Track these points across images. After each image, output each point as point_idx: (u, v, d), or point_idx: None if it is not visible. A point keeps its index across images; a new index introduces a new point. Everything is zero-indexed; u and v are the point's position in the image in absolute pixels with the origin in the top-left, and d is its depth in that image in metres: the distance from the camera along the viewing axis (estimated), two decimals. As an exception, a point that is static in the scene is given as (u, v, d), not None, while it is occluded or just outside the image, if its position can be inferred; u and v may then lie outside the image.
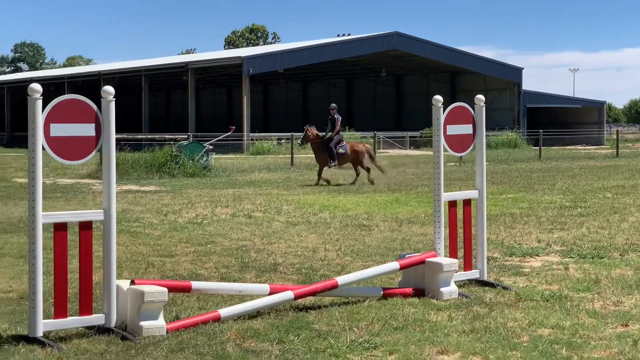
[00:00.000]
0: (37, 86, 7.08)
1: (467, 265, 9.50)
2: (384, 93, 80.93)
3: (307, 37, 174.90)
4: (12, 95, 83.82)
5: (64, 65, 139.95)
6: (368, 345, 6.89)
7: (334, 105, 27.25)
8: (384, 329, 7.39)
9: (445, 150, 9.32)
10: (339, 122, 26.45)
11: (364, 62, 70.92)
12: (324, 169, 25.79)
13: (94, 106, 7.32)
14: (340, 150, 25.79)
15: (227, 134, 37.12)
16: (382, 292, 8.79)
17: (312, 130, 26.27)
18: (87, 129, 7.28)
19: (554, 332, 7.34)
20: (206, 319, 7.63)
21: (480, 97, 9.72)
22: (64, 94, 7.68)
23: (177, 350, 6.82)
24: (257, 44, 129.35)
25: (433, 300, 8.57)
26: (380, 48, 65.44)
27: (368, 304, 8.44)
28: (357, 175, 25.84)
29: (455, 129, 9.42)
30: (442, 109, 9.20)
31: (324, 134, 26.50)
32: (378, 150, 42.26)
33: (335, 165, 26.07)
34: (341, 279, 8.57)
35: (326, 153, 25.70)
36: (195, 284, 8.14)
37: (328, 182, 25.26)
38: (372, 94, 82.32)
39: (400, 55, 68.08)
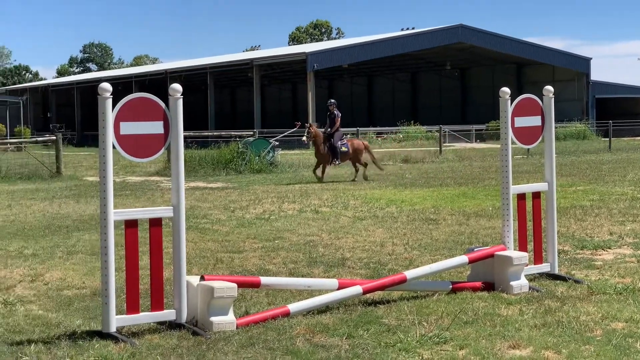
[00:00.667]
0: (107, 85, 7.18)
1: (537, 258, 9.38)
2: (449, 86, 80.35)
3: (371, 31, 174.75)
4: (81, 95, 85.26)
5: (131, 65, 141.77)
6: (438, 339, 6.85)
7: (332, 100, 26.56)
8: (453, 323, 7.34)
9: (513, 142, 9.22)
10: (339, 119, 25.85)
11: (429, 55, 70.52)
12: (327, 167, 25.47)
13: (162, 104, 7.40)
14: (343, 149, 25.34)
15: (292, 129, 37.25)
16: (450, 286, 8.73)
17: (314, 127, 25.87)
18: (155, 127, 7.37)
19: (627, 326, 7.22)
20: (275, 314, 7.66)
21: (549, 88, 9.61)
22: (132, 93, 7.76)
23: (247, 345, 6.86)
24: (321, 40, 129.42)
25: (503, 294, 8.49)
26: (445, 41, 65.00)
27: (437, 298, 8.40)
28: (357, 171, 25.57)
29: (523, 121, 9.31)
30: (509, 101, 9.10)
31: (323, 129, 26.03)
32: (444, 145, 42.01)
33: (338, 163, 25.70)
34: (409, 273, 8.53)
35: (327, 150, 25.27)
36: (264, 280, 8.17)
37: (320, 179, 24.95)
38: (437, 88, 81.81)
39: (465, 48, 67.56)
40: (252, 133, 36.01)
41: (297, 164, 32.51)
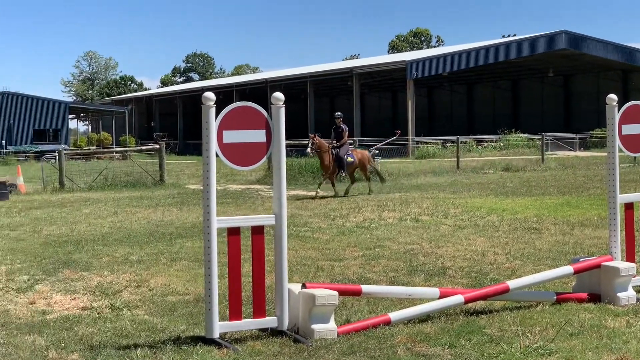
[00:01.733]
0: (210, 95, 7.29)
1: (646, 269, 9.15)
2: (552, 93, 79.04)
3: (472, 39, 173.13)
4: (184, 105, 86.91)
5: (232, 74, 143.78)
6: (543, 351, 6.73)
7: (339, 114, 25.19)
8: (558, 334, 7.20)
9: (620, 150, 9.00)
10: (346, 133, 24.73)
11: (530, 62, 69.47)
12: (334, 177, 24.44)
13: (265, 113, 7.47)
14: (349, 159, 24.19)
15: (392, 138, 37.20)
16: (555, 297, 8.57)
17: (318, 138, 24.77)
18: (258, 135, 7.44)
19: None
20: (376, 323, 7.64)
21: (657, 94, 9.35)
22: (233, 101, 7.86)
23: (348, 353, 6.86)
24: (421, 48, 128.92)
25: (610, 306, 8.29)
26: (548, 48, 63.93)
27: (541, 309, 8.25)
28: (369, 180, 24.82)
29: (631, 129, 9.09)
30: (616, 108, 8.90)
31: (329, 140, 24.86)
32: (546, 153, 41.29)
33: (344, 174, 24.66)
34: (512, 283, 8.41)
35: (333, 162, 24.04)
36: (365, 288, 8.16)
37: (316, 194, 23.43)
38: (539, 95, 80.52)
39: (568, 55, 66.33)
40: (352, 142, 36.06)
41: (396, 173, 32.42)
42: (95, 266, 11.50)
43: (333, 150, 24.26)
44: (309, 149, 24.53)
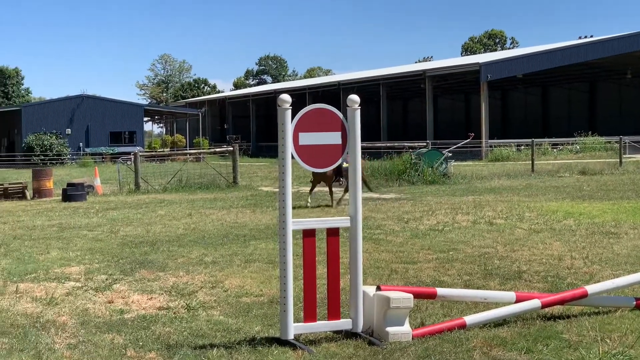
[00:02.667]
0: (286, 97, 7.32)
1: None
2: (630, 96, 77.52)
3: (547, 40, 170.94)
4: (256, 107, 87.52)
5: (304, 77, 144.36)
6: (622, 357, 6.62)
7: None
8: (638, 341, 7.06)
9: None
10: None
11: (608, 64, 68.32)
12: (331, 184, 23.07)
13: (340, 115, 7.47)
14: (345, 164, 22.83)
15: (465, 141, 36.92)
16: (634, 303, 8.41)
17: None
18: (333, 138, 7.45)
19: None
20: (452, 326, 7.59)
21: None
22: (305, 104, 7.89)
23: (423, 356, 6.83)
24: (495, 50, 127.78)
25: (691, 312, 8.11)
26: (626, 49, 62.73)
27: (620, 315, 8.11)
28: (346, 192, 23.68)
29: None
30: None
31: None
32: (624, 156, 40.55)
33: (343, 181, 23.59)
34: (591, 288, 8.27)
35: (332, 170, 22.87)
36: (440, 291, 8.12)
37: (307, 203, 22.34)
38: (616, 97, 79.10)
39: (647, 56, 65.05)
40: (424, 144, 35.92)
41: (470, 176, 32.17)
42: (171, 267, 11.65)
43: None
44: None
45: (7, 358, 6.97)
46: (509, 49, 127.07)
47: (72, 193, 24.91)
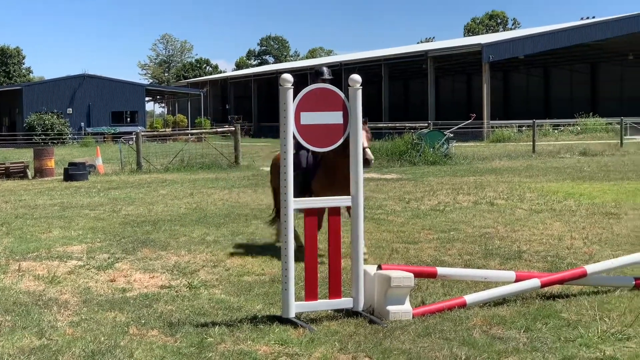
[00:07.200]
0: (288, 76, 7.32)
1: None
2: (632, 77, 77.28)
3: (548, 21, 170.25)
4: (258, 87, 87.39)
5: (306, 57, 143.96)
6: (621, 336, 6.67)
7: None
8: (637, 320, 7.11)
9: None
10: None
11: (609, 45, 68.09)
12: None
13: (342, 95, 7.49)
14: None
15: (467, 121, 36.90)
16: (634, 282, 8.46)
17: None
18: (335, 117, 7.47)
19: None
20: (452, 305, 7.64)
21: None
22: (307, 84, 7.89)
23: (423, 335, 6.88)
24: (497, 31, 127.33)
25: (690, 292, 8.16)
26: (627, 30, 62.53)
27: (619, 294, 8.16)
28: None
29: None
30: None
31: None
32: (625, 137, 40.52)
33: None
34: (590, 268, 8.32)
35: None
36: (440, 270, 8.16)
37: None
38: (618, 79, 78.87)
39: (649, 37, 64.87)
40: (426, 125, 35.90)
41: (471, 156, 32.19)
42: (173, 246, 11.69)
43: None
44: None
45: (11, 335, 7.02)
46: (511, 30, 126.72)
47: (74, 172, 24.94)
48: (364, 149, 8.96)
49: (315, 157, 10.58)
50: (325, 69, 11.37)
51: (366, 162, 9.30)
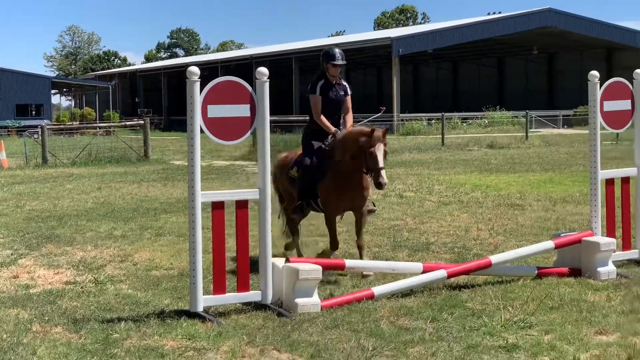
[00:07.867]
0: (195, 69, 7.27)
1: (626, 245, 9.25)
2: (536, 71, 78.98)
3: (457, 16, 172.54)
4: (168, 81, 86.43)
5: (217, 50, 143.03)
6: (523, 324, 6.81)
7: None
8: (539, 308, 7.27)
9: (602, 127, 9.07)
10: None
11: (515, 40, 69.37)
12: None
13: (249, 87, 7.47)
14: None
15: (377, 115, 37.15)
16: (536, 272, 8.65)
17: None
18: (242, 110, 7.45)
19: None
20: (360, 297, 7.70)
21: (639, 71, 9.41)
22: (217, 77, 7.84)
23: (331, 327, 6.92)
24: (407, 25, 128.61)
25: (590, 280, 8.39)
26: (533, 25, 63.85)
27: (522, 283, 8.33)
28: None
29: (612, 105, 9.16)
30: (598, 85, 8.95)
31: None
32: (530, 130, 41.37)
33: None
34: (495, 258, 8.48)
35: None
36: (348, 262, 8.22)
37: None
38: (523, 73, 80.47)
39: (553, 32, 66.28)
40: (336, 118, 36.00)
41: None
42: (79, 241, 11.51)
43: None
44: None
45: None
46: (421, 24, 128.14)
47: (-23, 167, 24.31)
48: (378, 170, 8.56)
49: (322, 158, 9.44)
50: (337, 51, 9.64)
51: (378, 186, 8.78)
